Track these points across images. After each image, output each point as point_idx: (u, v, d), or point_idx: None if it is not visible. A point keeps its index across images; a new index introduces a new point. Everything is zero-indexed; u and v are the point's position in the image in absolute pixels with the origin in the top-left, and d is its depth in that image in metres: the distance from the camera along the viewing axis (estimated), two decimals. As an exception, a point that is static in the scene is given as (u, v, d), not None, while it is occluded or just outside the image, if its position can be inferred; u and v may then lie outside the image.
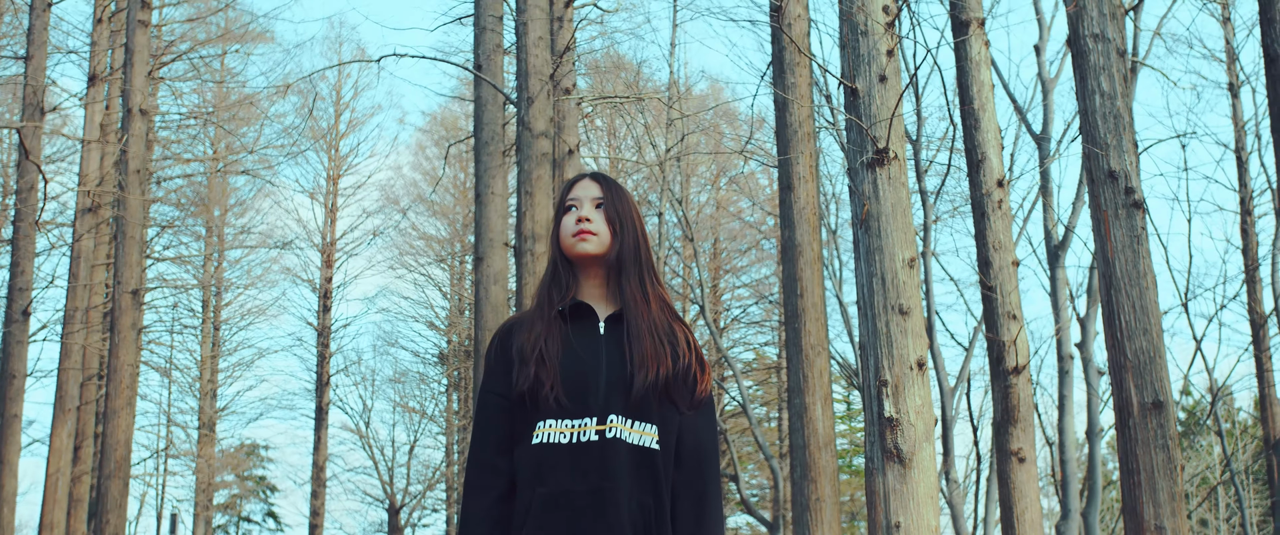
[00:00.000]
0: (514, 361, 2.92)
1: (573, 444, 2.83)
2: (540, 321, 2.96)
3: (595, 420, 2.84)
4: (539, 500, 2.80)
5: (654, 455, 2.85)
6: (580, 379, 2.88)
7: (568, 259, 3.02)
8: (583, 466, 2.80)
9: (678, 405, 2.91)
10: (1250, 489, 28.14)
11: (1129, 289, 6.80)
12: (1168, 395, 6.84)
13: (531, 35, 11.91)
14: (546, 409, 2.85)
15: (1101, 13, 7.00)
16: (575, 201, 3.02)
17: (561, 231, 3.03)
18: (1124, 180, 6.93)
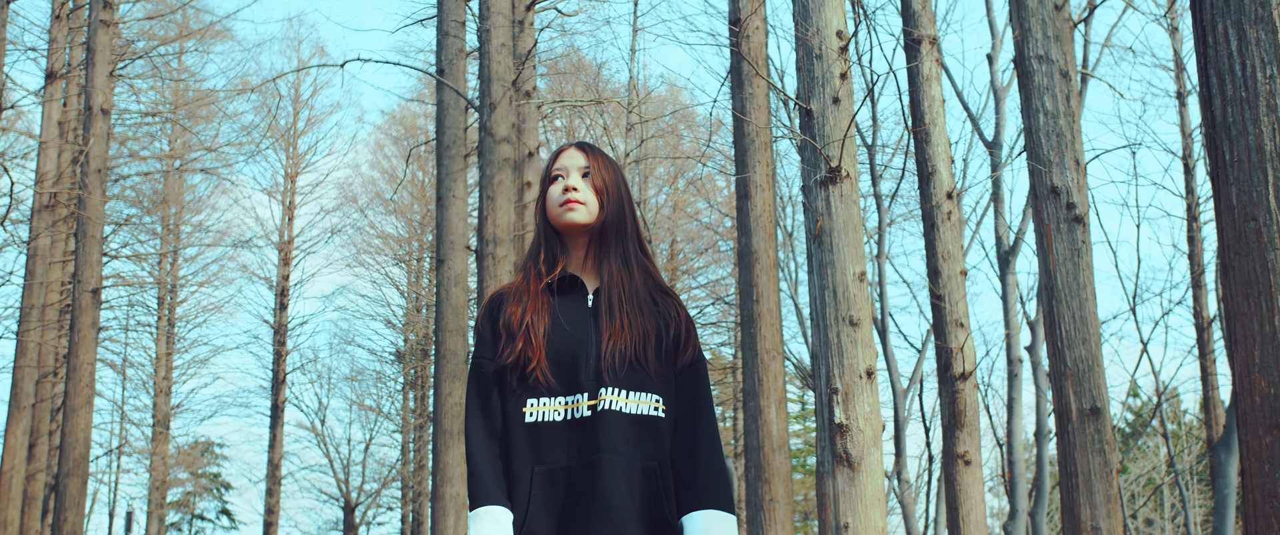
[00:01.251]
0: (501, 334, 2.89)
1: (567, 421, 2.80)
2: (527, 294, 2.91)
3: (587, 395, 2.80)
4: (538, 477, 2.77)
5: (657, 422, 2.82)
6: (569, 354, 2.84)
7: (555, 230, 2.98)
8: (578, 442, 2.77)
9: (670, 371, 2.88)
10: (1194, 489, 28.65)
11: (1069, 300, 7.10)
12: (1105, 402, 7.14)
13: (494, 42, 12.09)
14: (537, 386, 2.83)
15: (1046, 35, 7.29)
16: (562, 171, 2.97)
17: (548, 201, 2.98)
18: (1066, 196, 7.23)
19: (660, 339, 2.88)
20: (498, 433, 2.84)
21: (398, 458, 32.92)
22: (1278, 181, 3.03)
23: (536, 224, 3.04)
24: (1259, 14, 3.11)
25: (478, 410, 2.86)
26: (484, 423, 2.85)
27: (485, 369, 2.88)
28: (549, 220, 2.98)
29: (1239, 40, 3.12)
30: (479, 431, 2.84)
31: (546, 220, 2.99)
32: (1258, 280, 3.04)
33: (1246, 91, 3.10)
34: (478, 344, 2.94)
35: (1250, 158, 3.08)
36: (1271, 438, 2.91)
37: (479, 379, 2.89)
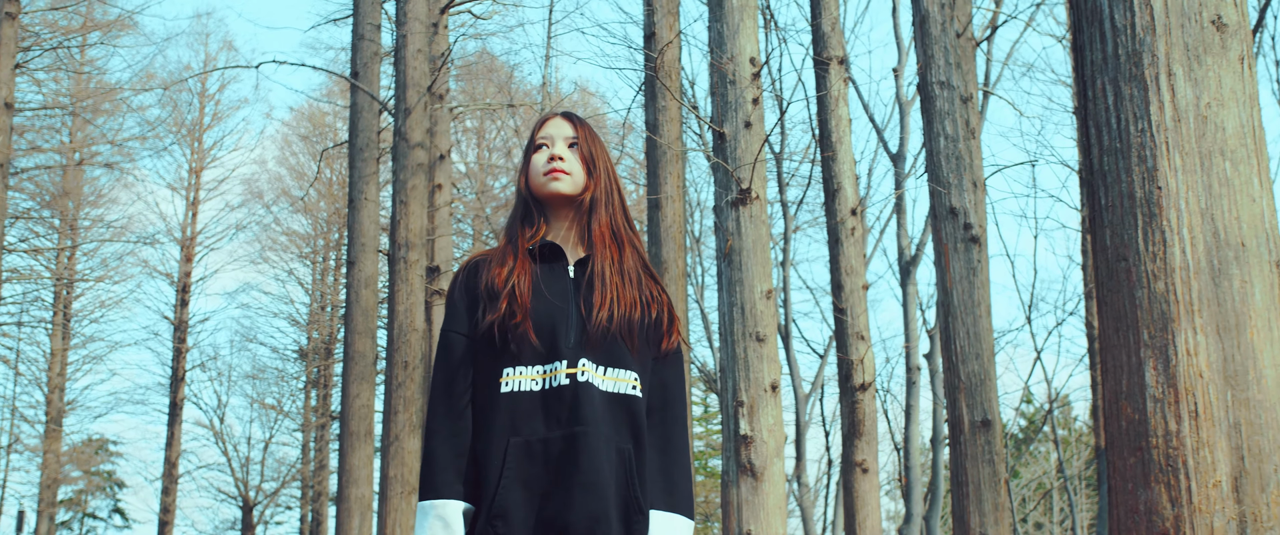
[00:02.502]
0: (480, 299, 2.79)
1: (544, 390, 2.70)
2: (511, 257, 2.82)
3: (566, 364, 2.70)
4: (514, 449, 2.66)
5: (632, 401, 2.73)
6: (550, 322, 2.75)
7: (537, 198, 2.89)
8: (556, 412, 2.67)
9: (648, 353, 2.80)
10: (1083, 494, 29.49)
11: (964, 317, 7.45)
12: (996, 415, 7.51)
13: (411, 47, 12.19)
14: (514, 353, 2.72)
15: (948, 62, 7.63)
16: (547, 140, 2.90)
17: (531, 170, 2.89)
18: (963, 217, 7.58)
19: (644, 318, 2.80)
20: (463, 413, 2.74)
21: (298, 457, 32.64)
22: (1146, 226, 3.33)
23: (518, 191, 2.95)
24: (1133, 72, 3.40)
25: (443, 387, 2.77)
26: (448, 403, 2.75)
27: (455, 343, 2.79)
28: (532, 189, 2.90)
29: (1115, 96, 3.42)
30: (442, 412, 2.75)
31: (529, 188, 2.91)
32: (1127, 315, 3.33)
33: (1121, 143, 3.40)
34: (449, 316, 2.83)
35: (1123, 203, 3.37)
36: (1135, 458, 3.20)
37: (447, 354, 2.79)
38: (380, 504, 12.23)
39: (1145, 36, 3.40)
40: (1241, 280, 3.27)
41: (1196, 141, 3.36)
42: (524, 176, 2.92)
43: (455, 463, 2.70)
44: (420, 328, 12.44)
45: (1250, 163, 3.35)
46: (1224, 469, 3.15)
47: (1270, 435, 3.17)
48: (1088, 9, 3.52)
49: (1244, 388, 3.21)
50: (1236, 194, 3.32)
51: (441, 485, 2.68)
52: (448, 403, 2.75)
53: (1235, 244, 3.28)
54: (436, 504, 2.66)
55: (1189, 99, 3.37)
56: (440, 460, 2.70)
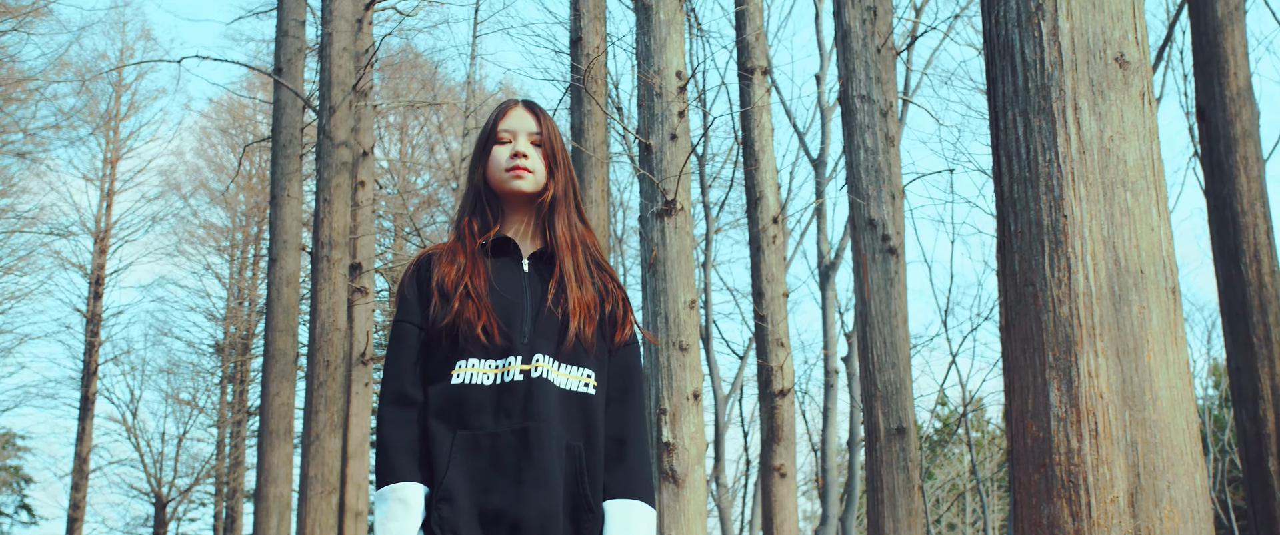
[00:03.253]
0: (432, 295, 2.74)
1: (496, 385, 2.66)
2: (461, 254, 2.77)
3: (520, 359, 2.67)
4: (461, 442, 2.63)
5: (586, 399, 2.71)
6: (505, 317, 2.71)
7: (493, 192, 2.84)
8: (507, 407, 2.64)
9: (604, 347, 2.78)
10: (994, 495, 30.05)
11: (881, 327, 7.64)
12: (911, 422, 7.71)
13: (336, 46, 12.15)
14: (469, 348, 2.68)
15: (868, 76, 7.81)
16: (510, 134, 2.83)
17: (491, 164, 2.83)
18: (882, 228, 7.77)
19: (599, 313, 2.78)
20: (415, 401, 2.69)
21: (213, 453, 32.24)
22: (1052, 252, 3.50)
23: (471, 182, 2.88)
24: (1042, 105, 3.57)
25: (395, 376, 2.72)
26: (398, 390, 2.70)
27: (406, 333, 2.75)
28: (491, 184, 2.84)
29: (1025, 127, 3.58)
30: (393, 401, 2.70)
31: (486, 183, 2.85)
32: (1033, 338, 3.50)
33: (1030, 172, 3.56)
34: (401, 307, 2.79)
35: (1031, 230, 3.54)
36: (1039, 474, 3.36)
37: (399, 343, 2.75)
38: (300, 503, 12.18)
39: (1053, 71, 3.57)
40: (1140, 306, 3.46)
41: (1100, 173, 3.53)
42: (482, 169, 2.86)
43: (411, 447, 2.66)
44: (342, 326, 12.40)
45: (1149, 194, 3.54)
46: (1121, 485, 3.33)
47: (1164, 453, 3.36)
48: (1000, 43, 3.69)
49: (1141, 408, 3.39)
50: (1136, 223, 3.51)
51: (399, 468, 2.63)
52: (398, 391, 2.70)
53: (1135, 271, 3.46)
54: (396, 487, 2.62)
55: (1094, 132, 3.54)
56: (395, 445, 2.65)
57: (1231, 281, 9.72)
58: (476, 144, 2.90)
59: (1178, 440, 3.35)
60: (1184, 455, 3.35)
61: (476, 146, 2.90)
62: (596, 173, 10.61)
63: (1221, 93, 10.20)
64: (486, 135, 2.86)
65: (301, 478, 12.26)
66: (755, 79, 9.51)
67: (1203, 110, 10.40)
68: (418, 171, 29.34)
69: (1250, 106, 10.28)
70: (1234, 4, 10.38)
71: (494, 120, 2.87)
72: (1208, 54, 10.36)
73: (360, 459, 15.35)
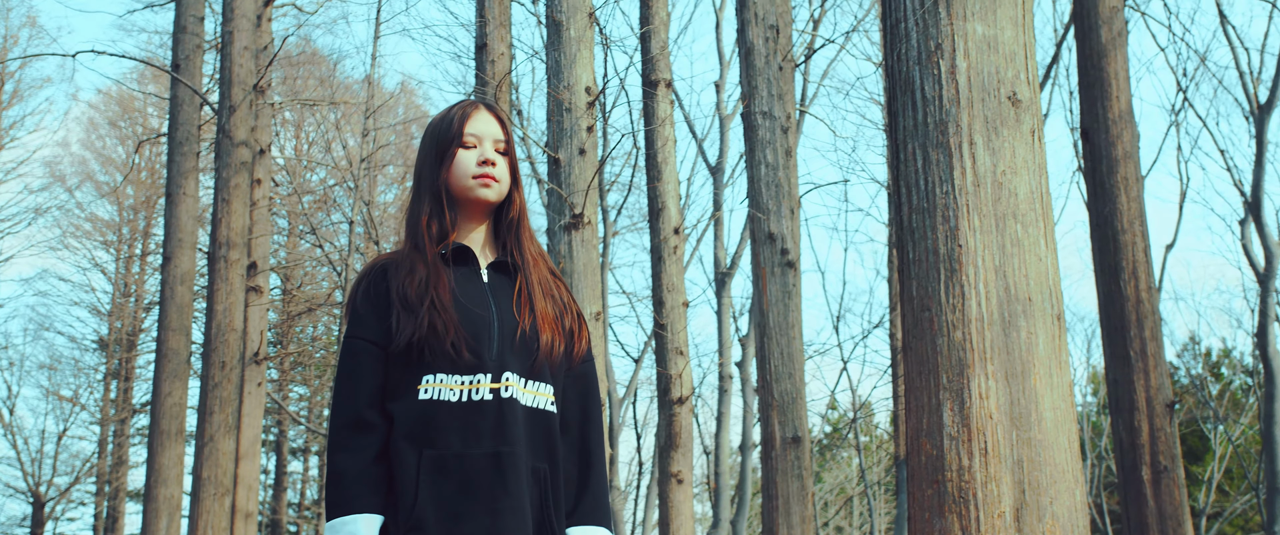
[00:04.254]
0: (392, 306, 2.57)
1: (464, 402, 2.51)
2: (422, 264, 2.61)
3: (490, 377, 2.53)
4: (428, 463, 2.48)
5: (550, 418, 2.60)
6: (473, 330, 2.56)
7: (453, 197, 2.68)
8: (476, 428, 2.50)
9: (564, 364, 2.67)
10: (881, 499, 30.65)
11: (779, 338, 7.85)
12: (805, 432, 7.93)
13: (237, 44, 12.04)
14: (436, 362, 2.53)
15: (770, 93, 8.01)
16: (475, 139, 2.68)
17: (455, 169, 2.67)
18: (781, 242, 7.99)
19: (562, 327, 2.67)
20: (372, 424, 2.54)
21: (94, 451, 31.53)
22: (948, 280, 3.70)
23: (426, 185, 2.70)
24: (940, 140, 3.77)
25: (350, 398, 2.56)
26: (353, 412, 2.54)
27: (361, 350, 2.58)
28: (453, 189, 2.68)
29: (924, 160, 3.78)
30: (346, 425, 2.54)
31: (448, 187, 2.68)
32: (928, 360, 3.70)
33: (928, 203, 3.76)
34: (353, 321, 2.62)
35: (928, 258, 3.74)
36: (932, 490, 3.56)
37: (353, 361, 2.58)
38: (192, 505, 12.05)
39: (951, 108, 3.77)
40: (1028, 332, 3.67)
41: (993, 205, 3.74)
42: (444, 172, 2.68)
43: (364, 474, 2.50)
44: (239, 327, 12.30)
45: (1038, 225, 3.76)
46: (1008, 501, 3.53)
47: (1047, 471, 3.57)
48: (901, 79, 3.88)
49: (1027, 428, 3.60)
50: (1026, 253, 3.73)
51: (352, 499, 2.47)
52: (352, 414, 2.54)
53: (1023, 299, 3.68)
54: (348, 520, 2.46)
55: (987, 166, 3.75)
56: (348, 474, 2.49)
57: (1111, 297, 10.12)
58: (433, 142, 2.73)
59: (1060, 459, 3.57)
60: (1066, 473, 3.57)
61: (433, 145, 2.72)
62: (500, 179, 10.68)
63: (1104, 115, 10.62)
64: (450, 137, 2.70)
65: (194, 479, 12.13)
66: (659, 92, 9.67)
67: (1087, 131, 10.81)
68: (313, 168, 29.04)
69: (1131, 128, 10.71)
70: (1117, 30, 10.81)
71: (458, 122, 2.71)
72: (1092, 77, 10.78)
73: (252, 460, 15.18)
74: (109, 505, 30.84)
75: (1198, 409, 25.86)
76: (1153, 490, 9.43)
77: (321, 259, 26.25)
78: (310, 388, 31.55)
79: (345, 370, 2.59)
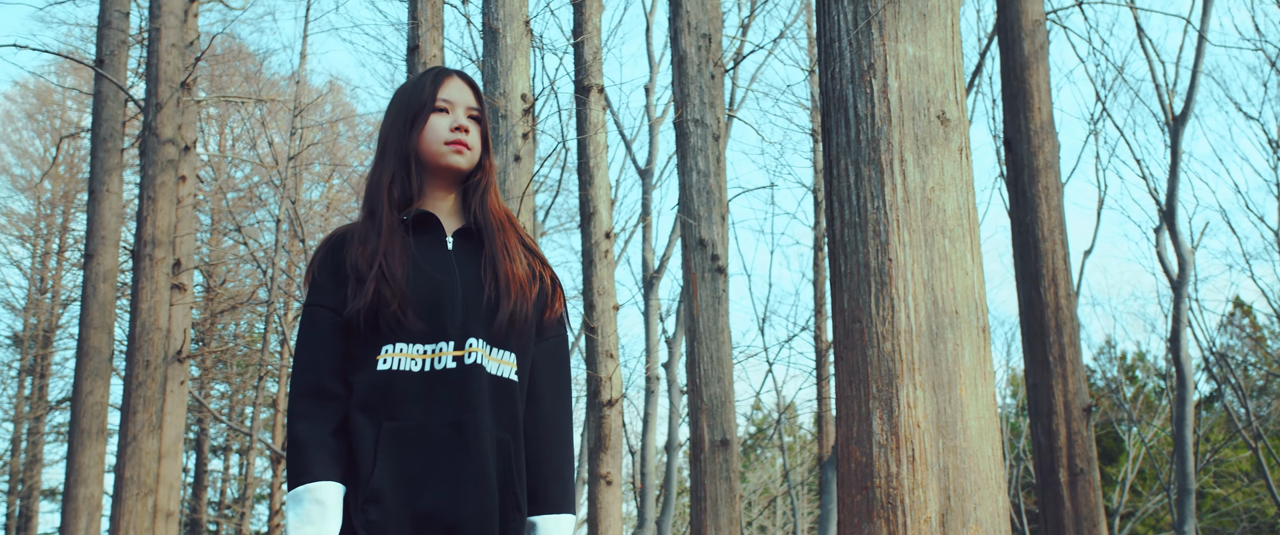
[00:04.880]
0: (348, 277, 2.51)
1: (427, 372, 2.45)
2: (375, 232, 2.54)
3: (453, 344, 2.46)
4: (388, 435, 2.41)
5: (512, 387, 2.51)
6: (434, 298, 2.49)
7: (424, 164, 2.61)
8: (439, 397, 2.43)
9: (531, 332, 2.59)
10: (804, 499, 30.96)
11: (709, 342, 7.97)
12: (733, 435, 8.05)
13: (165, 41, 11.93)
14: (394, 332, 2.46)
15: (702, 101, 8.13)
16: (448, 105, 2.62)
17: (428, 133, 2.60)
18: (711, 248, 8.11)
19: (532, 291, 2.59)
20: (332, 393, 2.46)
21: (7, 449, 30.93)
22: (878, 292, 3.83)
23: (396, 148, 2.62)
24: (871, 157, 3.90)
25: (307, 366, 2.48)
26: (313, 381, 2.47)
27: (320, 318, 2.51)
28: (424, 155, 2.61)
29: (856, 176, 3.91)
30: (306, 393, 2.46)
31: (419, 152, 2.61)
32: (859, 370, 3.82)
33: (859, 217, 3.89)
34: (312, 289, 2.56)
35: (859, 271, 3.87)
36: (861, 496, 3.68)
37: (313, 329, 2.51)
38: (114, 505, 11.92)
39: (882, 126, 3.90)
40: (954, 343, 3.81)
41: (922, 220, 3.88)
42: (414, 136, 2.61)
43: (326, 443, 2.42)
44: (164, 326, 12.17)
45: (965, 241, 3.89)
46: (934, 507, 3.66)
47: (971, 478, 3.71)
48: (835, 97, 4.01)
49: (953, 436, 3.74)
50: (953, 268, 3.86)
51: (313, 465, 2.40)
52: (312, 382, 2.47)
53: (950, 311, 3.81)
54: (311, 487, 2.38)
55: (917, 183, 3.88)
56: (310, 442, 2.41)
57: (1032, 303, 10.37)
58: (403, 106, 2.66)
59: (984, 466, 3.71)
60: (989, 479, 3.71)
61: (403, 109, 2.65)
62: (431, 180, 10.70)
63: (1026, 126, 10.87)
64: (422, 101, 2.63)
65: (117, 479, 11.99)
66: (591, 98, 9.74)
67: (1010, 141, 11.06)
68: (238, 165, 28.74)
69: (1052, 139, 10.98)
70: (1039, 44, 11.08)
71: (431, 87, 2.64)
72: (1015, 89, 11.03)
73: (173, 459, 15.03)
74: (22, 504, 30.26)
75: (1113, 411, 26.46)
76: (1069, 492, 9.69)
77: (246, 256, 26.00)
78: (232, 386, 31.23)
79: (306, 338, 2.52)
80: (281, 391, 29.52)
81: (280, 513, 30.64)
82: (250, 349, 30.31)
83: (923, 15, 3.89)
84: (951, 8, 3.96)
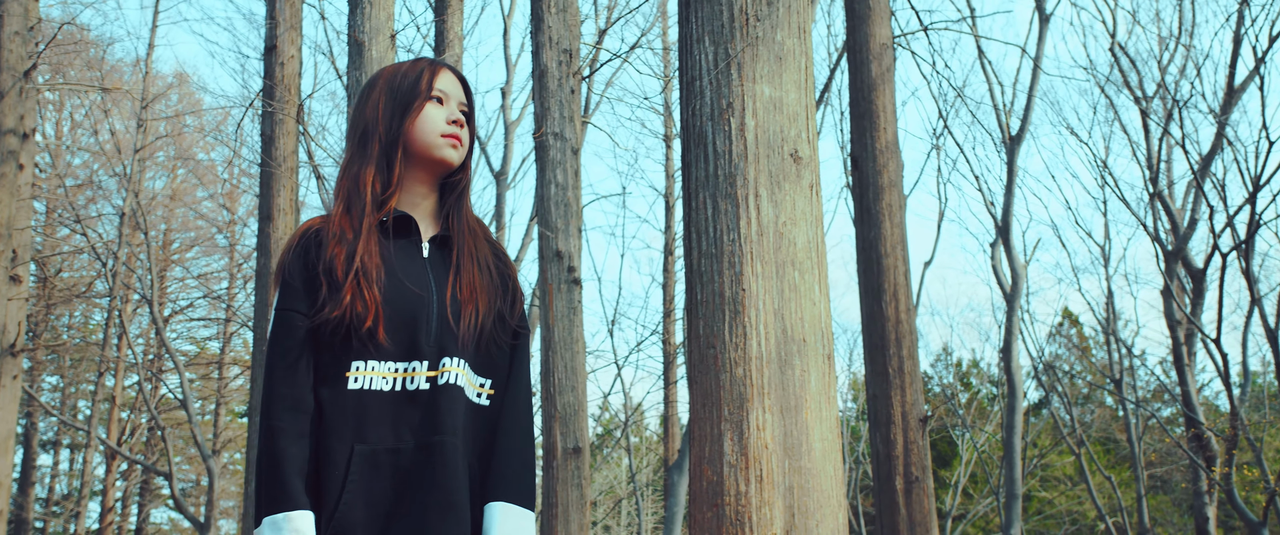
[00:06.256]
0: (318, 280, 2.30)
1: (398, 392, 2.27)
2: (352, 233, 2.35)
3: (426, 364, 2.30)
4: (359, 459, 2.22)
5: (484, 412, 2.37)
6: (408, 313, 2.32)
7: (413, 155, 2.44)
8: (410, 420, 2.26)
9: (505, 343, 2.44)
10: (650, 500, 31.32)
11: (563, 352, 8.13)
12: (586, 442, 8.23)
13: (7, 29, 11.59)
14: (363, 347, 2.27)
15: (562, 114, 8.28)
16: (443, 96, 2.46)
17: (422, 122, 2.43)
18: (567, 260, 8.27)
19: (500, 304, 2.44)
20: (308, 408, 2.26)
21: None
22: (732, 321, 4.04)
23: (376, 138, 2.42)
24: (728, 191, 4.11)
25: (285, 375, 2.27)
26: (292, 394, 2.25)
27: (295, 324, 2.29)
28: (416, 144, 2.43)
29: (713, 209, 4.11)
30: (286, 406, 2.24)
31: (409, 140, 2.43)
32: (712, 394, 4.03)
33: (716, 249, 4.10)
34: (284, 292, 2.34)
35: (714, 300, 4.08)
36: (712, 513, 3.89)
37: (288, 336, 2.29)
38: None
39: (739, 162, 4.11)
40: (801, 370, 4.04)
41: (774, 253, 4.10)
42: (406, 123, 2.43)
43: (303, 467, 2.22)
44: (1, 322, 11.82)
45: (814, 272, 4.13)
46: (779, 524, 3.89)
47: (814, 497, 3.95)
48: (695, 133, 4.21)
49: (799, 457, 3.97)
50: (802, 298, 4.10)
51: (295, 493, 2.20)
52: (291, 394, 2.25)
53: (798, 339, 4.04)
54: (292, 516, 2.18)
55: (770, 217, 4.11)
56: (292, 463, 2.21)
57: (873, 317, 10.78)
58: (394, 93, 2.47)
59: (826, 485, 3.95)
60: (830, 498, 3.96)
61: (394, 96, 2.47)
62: (286, 181, 10.62)
63: (872, 145, 11.29)
64: (418, 88, 2.46)
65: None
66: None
67: (856, 159, 11.47)
68: (75, 152, 27.86)
69: (896, 159, 11.42)
70: (886, 66, 11.51)
71: (428, 75, 2.48)
72: (862, 108, 11.44)
73: (4, 456, 14.56)
74: None
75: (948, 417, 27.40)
76: (905, 499, 10.11)
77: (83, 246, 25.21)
78: (64, 379, 30.24)
79: (282, 346, 2.29)
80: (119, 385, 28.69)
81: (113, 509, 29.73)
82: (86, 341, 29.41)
83: (779, 58, 4.12)
84: (805, 52, 4.20)
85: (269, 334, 2.32)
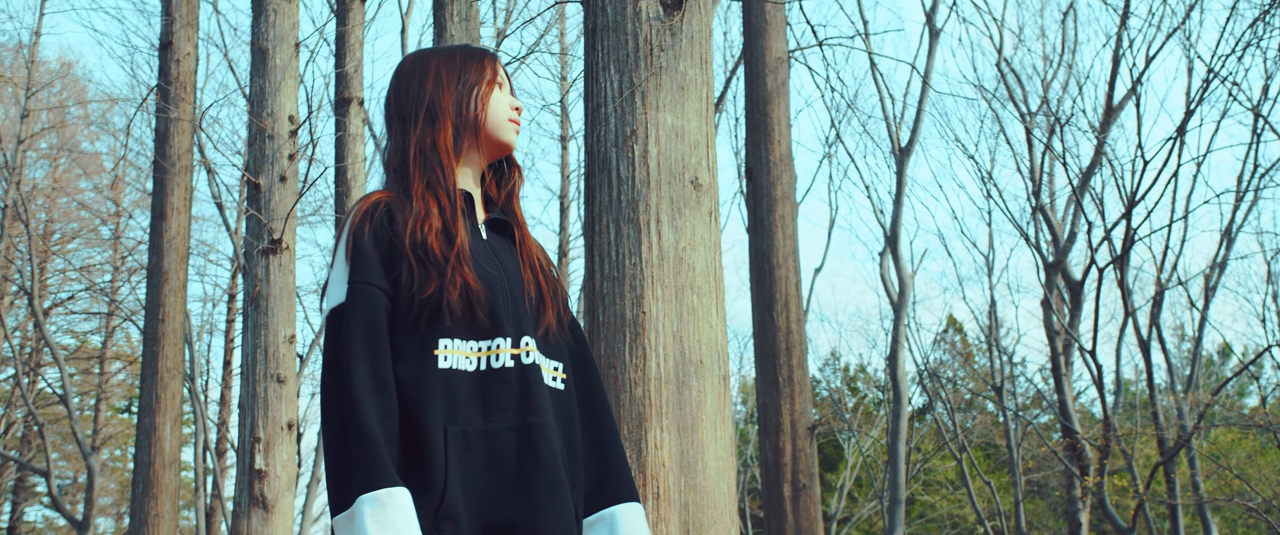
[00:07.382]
0: (399, 255, 2.19)
1: (482, 371, 2.19)
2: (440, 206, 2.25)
3: (509, 341, 2.22)
4: (454, 441, 2.12)
5: (559, 395, 2.30)
6: (491, 290, 2.24)
7: (482, 139, 2.39)
8: (499, 399, 2.18)
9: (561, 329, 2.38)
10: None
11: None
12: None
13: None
14: (453, 326, 2.18)
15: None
16: (502, 83, 2.44)
17: (494, 107, 2.39)
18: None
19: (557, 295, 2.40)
20: (391, 387, 2.13)
21: None
22: (632, 342, 4.17)
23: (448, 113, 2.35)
24: (631, 216, 4.25)
25: (367, 352, 2.14)
26: (375, 371, 2.13)
27: (375, 298, 2.17)
28: (487, 128, 2.39)
29: (616, 233, 4.24)
30: (368, 383, 2.11)
31: (480, 124, 2.38)
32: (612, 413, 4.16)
33: (618, 272, 4.23)
34: (361, 264, 2.18)
35: (616, 322, 4.21)
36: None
37: (368, 310, 2.16)
38: None
39: (642, 188, 4.25)
40: (698, 390, 4.19)
41: (674, 277, 4.25)
42: (481, 108, 2.37)
43: (391, 444, 2.10)
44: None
45: (712, 296, 4.29)
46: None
47: (709, 513, 4.10)
48: (599, 158, 4.34)
49: (694, 475, 4.12)
50: (700, 321, 4.25)
51: (391, 470, 2.07)
52: (373, 370, 2.13)
53: (696, 361, 4.20)
54: (393, 492, 2.05)
55: (671, 242, 4.25)
56: (380, 439, 2.08)
57: (765, 326, 11.02)
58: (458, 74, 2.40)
59: (720, 503, 4.11)
60: (724, 515, 4.11)
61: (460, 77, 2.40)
62: (180, 180, 10.51)
63: (767, 157, 11.53)
64: (483, 73, 2.41)
65: None
66: (351, 109, 9.77)
67: (751, 171, 11.70)
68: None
69: (789, 171, 11.68)
70: (781, 80, 11.76)
71: (485, 61, 2.43)
72: (758, 121, 11.68)
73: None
74: None
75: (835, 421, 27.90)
76: (792, 506, 10.36)
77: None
78: (-61, 370, 29.40)
79: (362, 321, 2.15)
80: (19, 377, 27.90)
81: None
82: (-39, 333, 28.62)
83: (681, 88, 4.27)
84: (707, 82, 4.35)
85: (345, 306, 2.18)
